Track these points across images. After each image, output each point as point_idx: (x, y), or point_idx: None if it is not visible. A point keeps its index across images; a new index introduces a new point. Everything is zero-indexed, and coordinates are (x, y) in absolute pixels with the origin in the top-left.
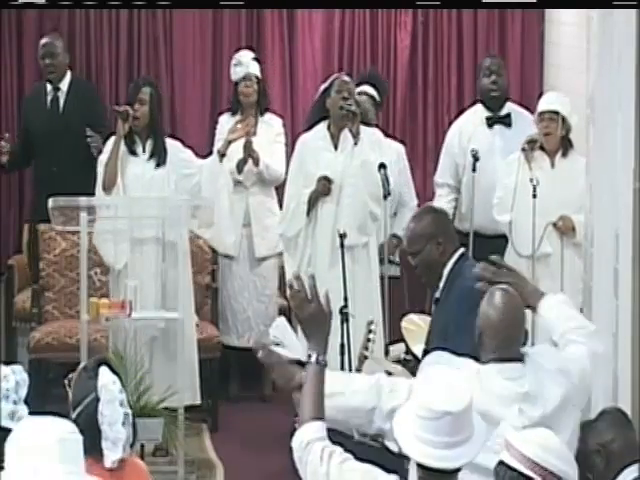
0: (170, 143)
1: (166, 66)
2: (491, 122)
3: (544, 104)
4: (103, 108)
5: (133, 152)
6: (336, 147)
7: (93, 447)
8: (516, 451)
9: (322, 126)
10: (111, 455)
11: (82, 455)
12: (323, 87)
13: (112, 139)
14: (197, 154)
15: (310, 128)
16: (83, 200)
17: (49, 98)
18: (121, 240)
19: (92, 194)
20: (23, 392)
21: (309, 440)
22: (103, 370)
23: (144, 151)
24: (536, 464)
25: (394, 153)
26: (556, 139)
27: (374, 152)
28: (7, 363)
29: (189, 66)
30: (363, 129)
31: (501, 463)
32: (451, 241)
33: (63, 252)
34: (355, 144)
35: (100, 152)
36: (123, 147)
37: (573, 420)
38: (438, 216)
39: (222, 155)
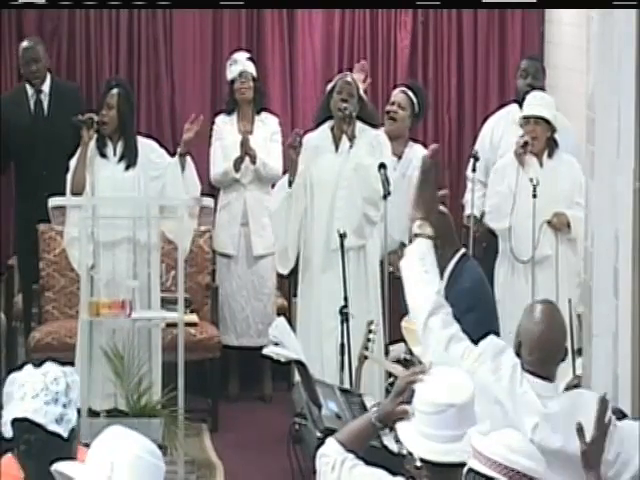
0: (143, 143)
1: (166, 66)
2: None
3: (529, 108)
4: (86, 107)
5: (103, 155)
6: (337, 148)
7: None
8: (483, 456)
9: (326, 126)
10: None
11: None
12: (330, 86)
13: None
14: (197, 154)
15: (317, 127)
16: (83, 200)
17: (32, 101)
18: (87, 243)
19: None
20: (74, 395)
21: (327, 453)
22: (24, 369)
23: (115, 153)
24: (504, 466)
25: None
26: (542, 142)
27: (372, 155)
28: (8, 365)
29: (189, 66)
30: (365, 131)
31: (470, 470)
32: (450, 243)
33: (63, 252)
34: (350, 147)
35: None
36: (94, 150)
37: None
38: (439, 219)
39: (182, 155)
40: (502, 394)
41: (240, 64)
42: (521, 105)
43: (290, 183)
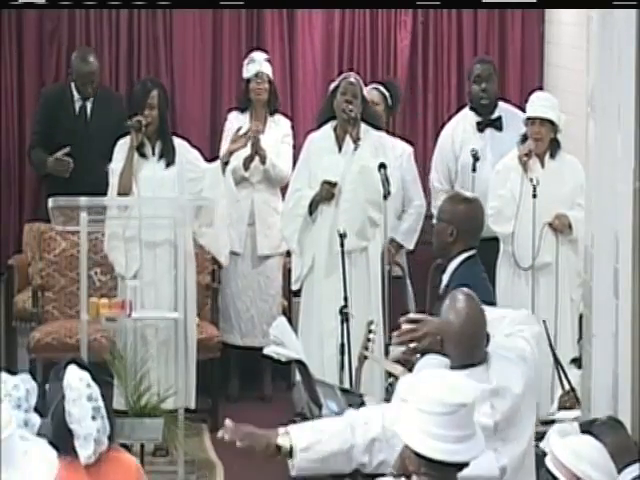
0: (178, 142)
1: (166, 66)
2: (482, 126)
3: (533, 110)
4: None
5: (143, 154)
6: (340, 148)
7: (68, 446)
8: (553, 455)
9: (329, 127)
10: (83, 452)
11: (18, 446)
12: (332, 86)
13: (119, 144)
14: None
15: (320, 127)
16: (83, 200)
17: (77, 105)
18: (132, 248)
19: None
20: (33, 400)
21: None
22: (69, 369)
23: (153, 153)
24: (568, 470)
25: (401, 154)
26: (546, 143)
27: (376, 157)
28: (8, 365)
29: (189, 66)
30: (368, 132)
31: (546, 469)
32: (466, 235)
33: (63, 252)
34: (355, 149)
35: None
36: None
37: (532, 406)
38: (460, 208)
39: (225, 163)
40: None
41: (257, 64)
42: (476, 111)
43: (311, 213)
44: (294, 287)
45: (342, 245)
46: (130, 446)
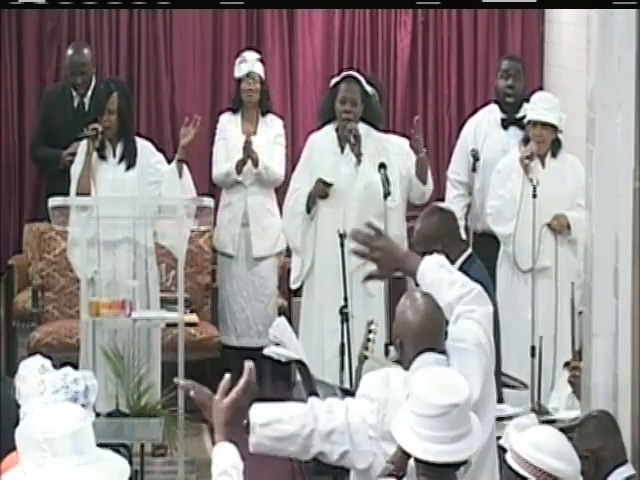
0: (141, 144)
1: (166, 66)
2: (506, 123)
3: (534, 112)
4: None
5: (103, 156)
6: (342, 150)
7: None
8: (512, 451)
9: (330, 127)
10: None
11: (92, 442)
12: (333, 82)
13: (81, 146)
14: (198, 151)
15: (321, 127)
16: (83, 199)
17: (76, 101)
18: (91, 249)
19: None
20: (92, 398)
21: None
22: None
23: (114, 155)
24: (529, 464)
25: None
26: (547, 144)
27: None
28: (8, 365)
29: (189, 66)
30: (370, 136)
31: (506, 463)
32: (456, 243)
33: (63, 252)
34: (358, 164)
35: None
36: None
37: (491, 396)
38: (443, 217)
39: (180, 161)
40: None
41: (249, 64)
42: (501, 106)
43: (309, 210)
44: (293, 286)
45: (342, 245)
46: (130, 446)
